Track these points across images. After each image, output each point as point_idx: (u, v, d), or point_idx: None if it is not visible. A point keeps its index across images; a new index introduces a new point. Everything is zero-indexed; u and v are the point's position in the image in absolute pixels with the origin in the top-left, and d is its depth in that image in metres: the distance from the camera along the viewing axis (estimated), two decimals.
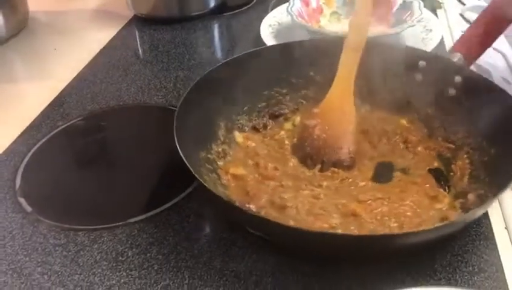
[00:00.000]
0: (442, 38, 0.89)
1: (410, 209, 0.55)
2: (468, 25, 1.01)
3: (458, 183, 0.58)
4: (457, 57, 0.64)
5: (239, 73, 0.65)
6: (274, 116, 0.69)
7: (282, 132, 0.68)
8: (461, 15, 1.03)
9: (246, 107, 0.68)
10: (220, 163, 0.62)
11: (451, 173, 0.59)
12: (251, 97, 0.68)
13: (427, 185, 0.58)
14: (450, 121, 0.62)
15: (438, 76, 0.62)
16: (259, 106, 0.69)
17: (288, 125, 0.69)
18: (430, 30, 0.90)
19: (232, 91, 0.66)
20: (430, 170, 0.60)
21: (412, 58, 0.64)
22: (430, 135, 0.64)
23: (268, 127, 0.68)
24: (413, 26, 0.84)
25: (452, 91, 0.62)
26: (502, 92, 0.57)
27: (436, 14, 0.97)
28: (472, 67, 0.68)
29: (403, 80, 0.64)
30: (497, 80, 0.77)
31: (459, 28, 0.97)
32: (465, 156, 0.59)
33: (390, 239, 0.47)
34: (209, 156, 0.61)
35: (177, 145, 0.52)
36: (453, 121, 0.62)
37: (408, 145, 0.64)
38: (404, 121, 0.66)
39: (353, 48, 0.60)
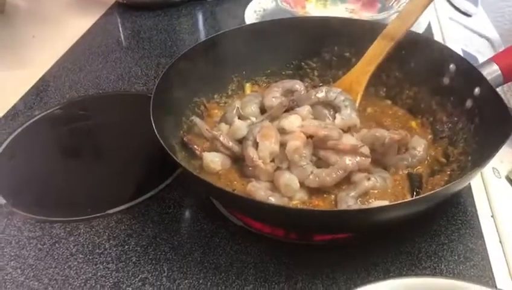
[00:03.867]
0: (429, 24, 0.87)
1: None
2: (456, 12, 1.00)
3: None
4: (492, 68, 0.58)
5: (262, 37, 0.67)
6: None
7: None
8: (448, 1, 1.02)
9: (269, 70, 0.69)
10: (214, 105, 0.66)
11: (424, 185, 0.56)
12: (277, 61, 0.69)
13: None
14: (457, 133, 0.58)
15: (462, 84, 0.59)
16: (284, 73, 0.69)
17: None
18: None
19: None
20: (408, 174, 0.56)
21: (445, 58, 0.61)
22: (433, 141, 0.60)
23: None
24: (398, 12, 0.82)
25: (469, 103, 0.57)
26: (508, 120, 0.50)
27: None
28: None
29: (430, 79, 0.62)
30: None
31: (446, 13, 0.96)
32: (448, 172, 0.55)
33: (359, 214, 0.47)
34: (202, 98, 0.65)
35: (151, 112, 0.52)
36: (459, 134, 0.58)
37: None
38: (414, 123, 0.63)
39: (389, 36, 0.60)
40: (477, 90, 0.56)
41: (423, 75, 0.63)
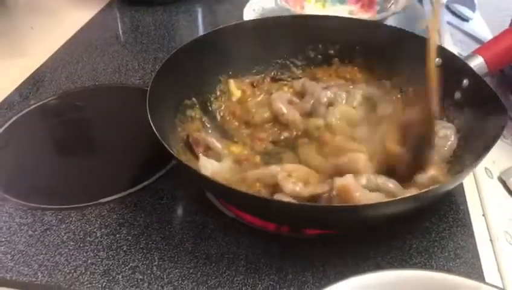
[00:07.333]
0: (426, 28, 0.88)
1: None
2: (453, 17, 1.01)
3: None
4: (477, 60, 0.59)
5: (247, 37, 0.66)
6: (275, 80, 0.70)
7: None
8: (447, 6, 1.02)
9: (254, 70, 0.70)
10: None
11: None
12: (262, 61, 0.69)
13: None
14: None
15: (449, 76, 0.58)
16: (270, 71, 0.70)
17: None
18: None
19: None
20: None
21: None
22: None
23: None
24: (397, 13, 0.83)
25: (458, 95, 0.59)
26: (500, 109, 0.52)
27: (421, 4, 0.96)
28: None
29: (417, 74, 0.61)
30: None
31: (444, 18, 0.96)
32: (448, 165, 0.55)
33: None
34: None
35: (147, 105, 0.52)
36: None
37: None
38: None
39: None
40: (465, 81, 0.58)
41: (409, 71, 0.63)
